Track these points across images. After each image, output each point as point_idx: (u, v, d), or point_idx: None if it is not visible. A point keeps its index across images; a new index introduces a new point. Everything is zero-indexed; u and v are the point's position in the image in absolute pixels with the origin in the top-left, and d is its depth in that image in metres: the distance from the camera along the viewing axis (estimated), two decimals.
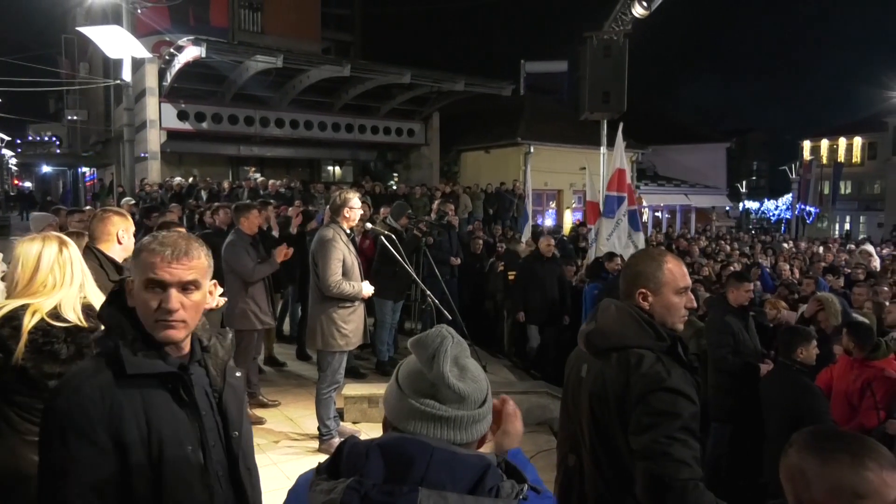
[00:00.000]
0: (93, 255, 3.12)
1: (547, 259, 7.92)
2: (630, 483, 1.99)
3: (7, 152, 37.18)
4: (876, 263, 10.76)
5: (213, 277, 1.72)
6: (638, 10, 8.83)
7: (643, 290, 2.12)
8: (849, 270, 9.68)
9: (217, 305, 2.94)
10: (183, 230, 1.69)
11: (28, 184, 45.38)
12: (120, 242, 3.23)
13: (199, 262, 1.61)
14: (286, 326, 8.29)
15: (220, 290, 1.82)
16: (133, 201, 11.63)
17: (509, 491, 1.09)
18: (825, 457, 1.22)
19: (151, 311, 1.55)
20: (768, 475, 4.04)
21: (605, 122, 9.42)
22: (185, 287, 1.58)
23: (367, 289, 4.89)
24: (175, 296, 1.56)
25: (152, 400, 1.52)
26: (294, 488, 1.22)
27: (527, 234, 12.07)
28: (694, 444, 1.92)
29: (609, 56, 8.51)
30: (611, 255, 7.55)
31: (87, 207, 12.81)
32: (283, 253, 5.53)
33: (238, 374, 1.76)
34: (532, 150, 20.75)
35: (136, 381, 1.50)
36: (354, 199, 4.92)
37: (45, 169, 37.36)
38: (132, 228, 3.29)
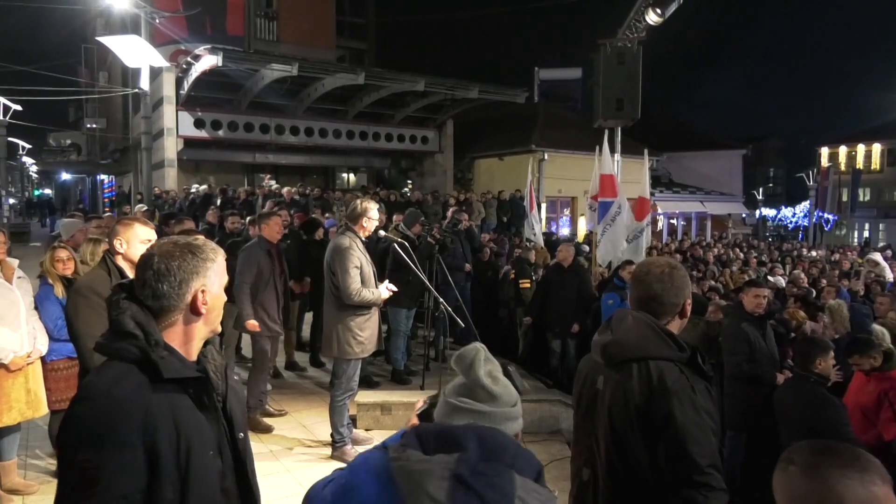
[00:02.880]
0: (104, 262, 3.16)
1: (567, 268, 7.81)
2: (650, 495, 1.98)
3: (28, 160, 37.78)
4: (887, 273, 10.56)
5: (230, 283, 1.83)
6: (652, 18, 8.83)
7: (689, 301, 2.16)
8: (869, 280, 9.55)
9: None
10: (201, 237, 1.70)
11: (48, 191, 46.02)
12: (118, 252, 3.16)
13: None
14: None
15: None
16: (146, 208, 11.74)
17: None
18: (835, 475, 1.20)
19: (223, 308, 1.70)
20: None
21: (619, 129, 9.40)
22: None
23: (385, 290, 4.91)
24: None
25: (179, 405, 1.50)
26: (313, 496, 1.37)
27: (528, 235, 12.11)
28: (721, 466, 1.95)
29: (623, 63, 8.49)
30: (627, 263, 7.47)
31: (106, 214, 12.96)
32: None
33: (236, 377, 1.80)
34: (546, 157, 20.73)
35: (164, 387, 1.48)
36: (374, 210, 4.93)
37: (65, 176, 37.89)
38: (136, 237, 3.16)
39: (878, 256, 11.87)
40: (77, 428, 1.43)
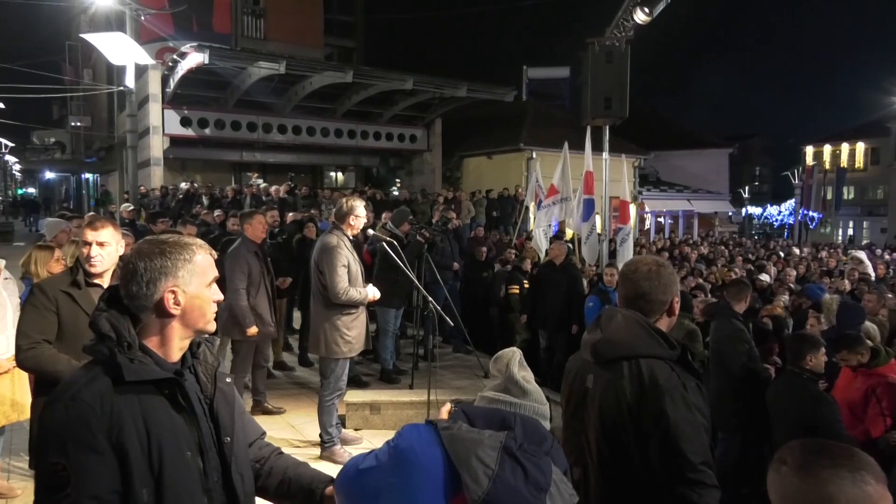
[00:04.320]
0: (74, 264, 3.12)
1: (558, 266, 7.79)
2: (642, 494, 1.98)
3: (11, 158, 37.33)
4: (869, 270, 10.70)
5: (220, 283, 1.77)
6: (640, 17, 8.85)
7: (677, 298, 2.17)
8: (854, 278, 9.64)
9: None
10: (183, 235, 1.73)
11: (32, 190, 45.52)
12: None
13: None
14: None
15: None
16: (132, 207, 11.61)
17: None
18: (826, 475, 1.19)
19: (213, 308, 1.66)
20: None
21: (607, 127, 9.41)
22: None
23: (373, 291, 4.89)
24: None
25: (150, 406, 1.50)
26: (351, 473, 1.52)
27: (541, 242, 11.91)
28: (712, 462, 1.95)
29: (611, 62, 8.51)
30: (609, 266, 7.48)
31: (90, 213, 12.84)
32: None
33: (228, 379, 1.76)
34: (535, 155, 20.77)
35: (134, 388, 1.48)
36: (361, 208, 4.91)
37: (49, 175, 37.48)
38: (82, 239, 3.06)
39: (862, 254, 12.00)
40: (45, 432, 1.45)
